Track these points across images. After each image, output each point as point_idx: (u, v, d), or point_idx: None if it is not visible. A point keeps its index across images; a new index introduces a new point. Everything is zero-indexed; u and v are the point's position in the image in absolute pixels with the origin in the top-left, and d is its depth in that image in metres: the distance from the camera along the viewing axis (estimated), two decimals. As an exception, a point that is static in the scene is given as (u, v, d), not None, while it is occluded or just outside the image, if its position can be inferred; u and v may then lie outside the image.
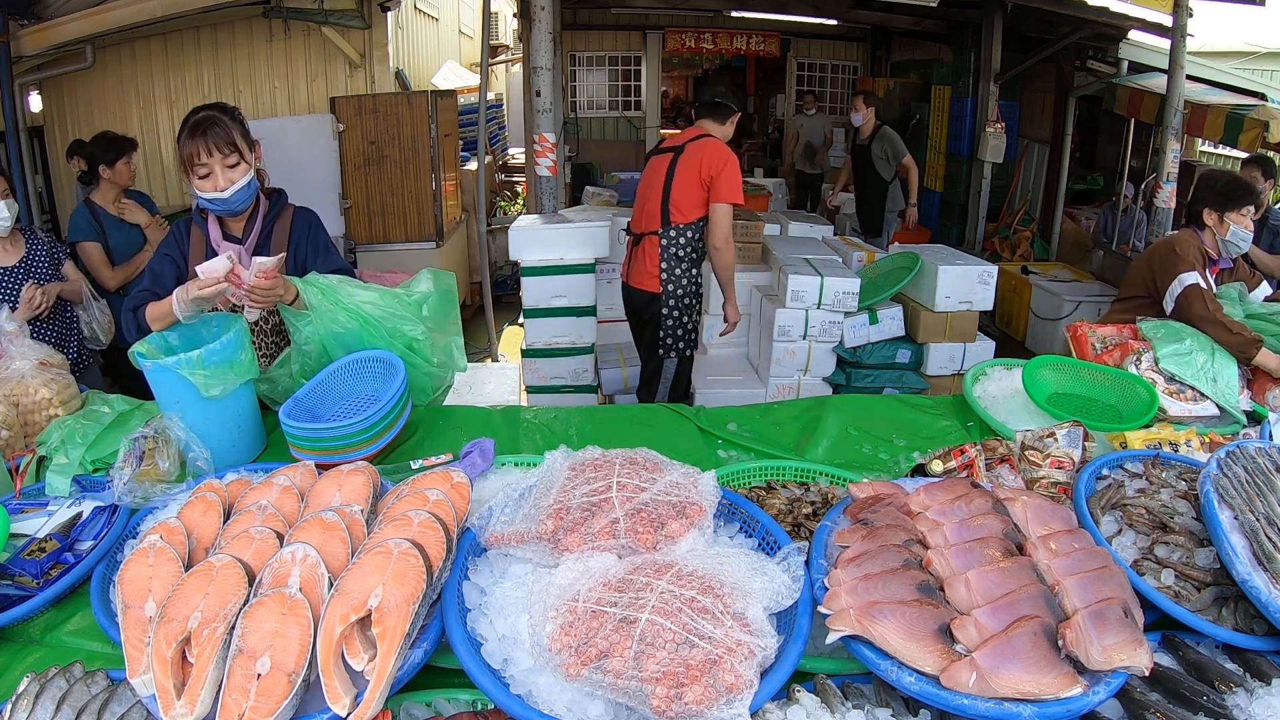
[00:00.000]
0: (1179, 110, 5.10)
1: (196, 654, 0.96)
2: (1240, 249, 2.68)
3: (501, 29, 11.71)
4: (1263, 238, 4.41)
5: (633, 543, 1.12)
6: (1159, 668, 1.02)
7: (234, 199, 1.87)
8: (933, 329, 4.04)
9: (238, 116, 1.90)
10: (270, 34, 5.68)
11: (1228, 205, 2.63)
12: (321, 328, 1.79)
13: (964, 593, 1.03)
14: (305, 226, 2.05)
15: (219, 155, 1.82)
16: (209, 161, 1.82)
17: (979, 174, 6.95)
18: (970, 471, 1.46)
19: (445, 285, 2.03)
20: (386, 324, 1.84)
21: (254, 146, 1.93)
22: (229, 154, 1.83)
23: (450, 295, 2.05)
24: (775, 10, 8.28)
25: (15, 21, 4.32)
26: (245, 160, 1.87)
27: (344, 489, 1.24)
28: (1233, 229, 2.64)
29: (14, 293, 2.79)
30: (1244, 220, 2.65)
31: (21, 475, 1.59)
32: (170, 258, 1.95)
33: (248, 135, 1.91)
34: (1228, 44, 9.77)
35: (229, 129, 1.83)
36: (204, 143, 1.80)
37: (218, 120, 1.83)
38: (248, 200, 1.92)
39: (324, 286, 1.81)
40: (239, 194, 1.87)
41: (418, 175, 5.59)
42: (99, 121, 5.40)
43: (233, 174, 1.85)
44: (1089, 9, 5.83)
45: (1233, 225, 2.64)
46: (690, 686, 0.89)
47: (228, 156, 1.83)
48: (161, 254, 1.97)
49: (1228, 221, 2.64)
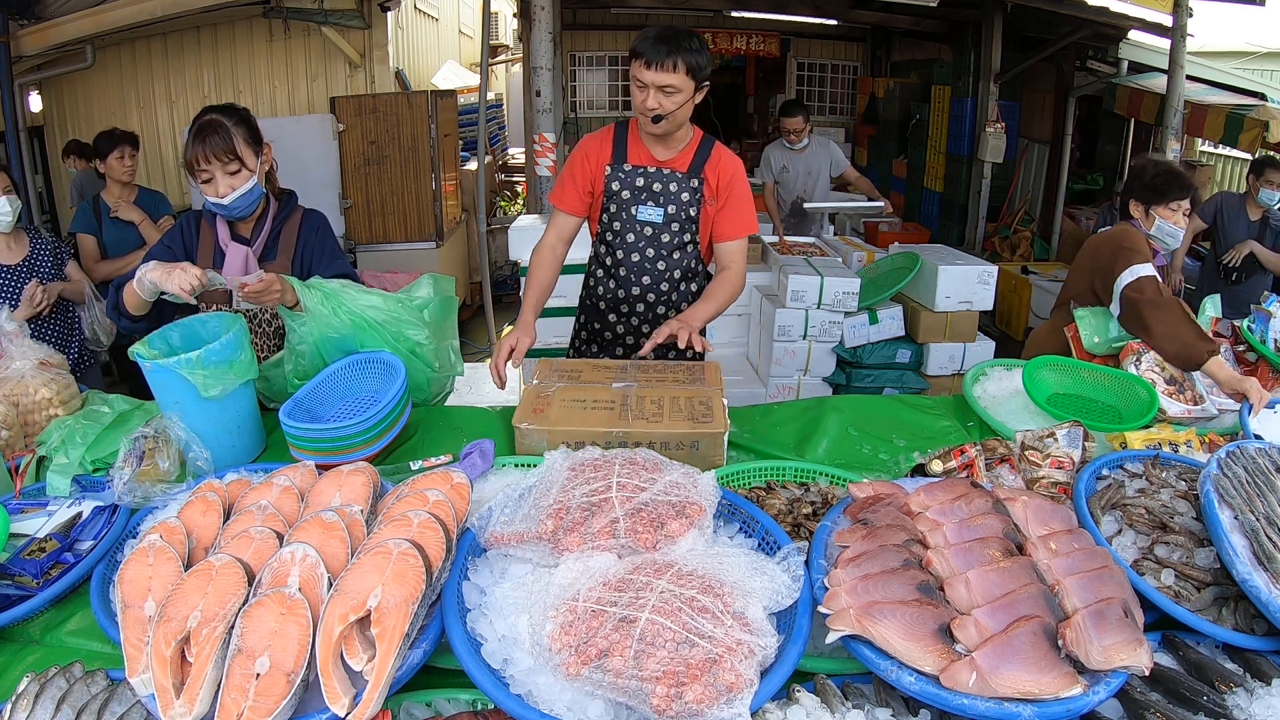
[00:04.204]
0: (1179, 110, 5.11)
1: (196, 653, 0.95)
2: (1169, 246, 2.45)
3: (501, 29, 11.73)
4: (1266, 237, 4.42)
5: (632, 542, 1.12)
6: (1159, 667, 1.02)
7: (234, 206, 1.88)
8: (933, 329, 4.04)
9: (246, 119, 1.91)
10: (270, 34, 5.69)
11: (1155, 199, 2.40)
12: (317, 330, 1.80)
13: (964, 593, 1.03)
14: (313, 230, 2.06)
15: (219, 162, 1.83)
16: (209, 168, 1.83)
17: (979, 174, 6.96)
18: (970, 471, 1.46)
19: (445, 291, 2.05)
20: (390, 328, 1.86)
21: (262, 150, 1.93)
22: (229, 161, 1.84)
23: (450, 301, 2.07)
24: (775, 10, 8.28)
25: (15, 21, 4.33)
26: (247, 167, 1.87)
27: (344, 489, 1.24)
28: (1159, 224, 2.40)
29: (17, 292, 2.80)
30: (1174, 216, 2.39)
31: (21, 475, 1.59)
32: (170, 249, 1.95)
33: (254, 139, 1.91)
34: (1228, 44, 9.76)
35: (230, 136, 1.83)
36: (203, 149, 1.81)
37: (220, 127, 1.83)
38: (250, 207, 1.92)
39: (327, 290, 1.82)
40: (239, 201, 1.88)
41: (418, 175, 5.60)
42: (99, 121, 5.41)
43: (234, 180, 1.86)
44: (1089, 9, 5.83)
45: (1159, 220, 2.40)
46: (690, 686, 0.89)
47: (228, 164, 1.84)
48: (163, 244, 1.98)
49: (1154, 216, 2.40)
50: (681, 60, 1.99)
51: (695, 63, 2.01)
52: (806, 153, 5.10)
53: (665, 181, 2.21)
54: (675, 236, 2.24)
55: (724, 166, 2.22)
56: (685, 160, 2.21)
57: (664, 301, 2.31)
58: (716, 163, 2.21)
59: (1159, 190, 2.39)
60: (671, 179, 2.20)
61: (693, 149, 2.21)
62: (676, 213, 2.22)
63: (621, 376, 1.79)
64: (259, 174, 1.91)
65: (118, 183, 3.60)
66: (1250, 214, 4.45)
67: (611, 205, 2.25)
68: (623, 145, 2.22)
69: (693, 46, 2.00)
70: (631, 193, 2.22)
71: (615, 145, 2.23)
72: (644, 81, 2.02)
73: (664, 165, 2.21)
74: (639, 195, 2.22)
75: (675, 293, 2.31)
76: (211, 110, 1.87)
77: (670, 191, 2.21)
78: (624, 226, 2.25)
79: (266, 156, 1.95)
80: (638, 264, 2.27)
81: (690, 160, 2.21)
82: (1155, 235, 2.41)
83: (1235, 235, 4.46)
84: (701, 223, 2.25)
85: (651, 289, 2.28)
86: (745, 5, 8.30)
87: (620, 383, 1.75)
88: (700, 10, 8.72)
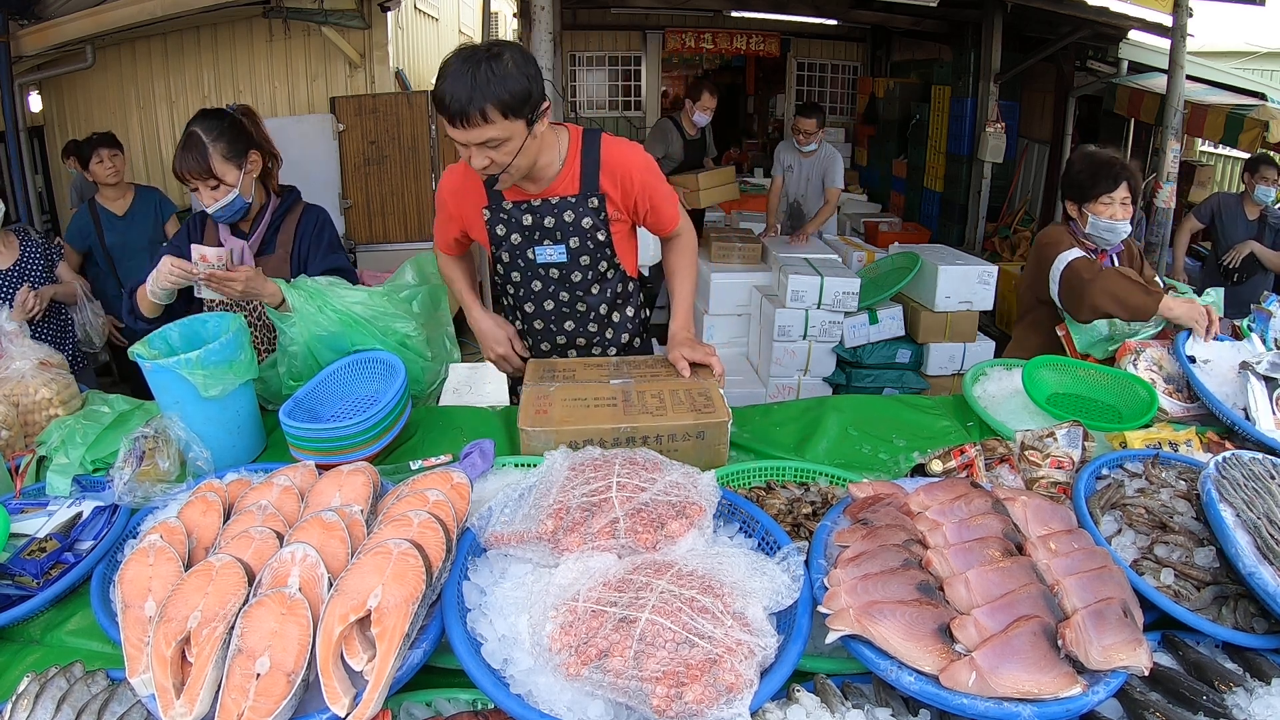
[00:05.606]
0: (1179, 110, 5.10)
1: (196, 654, 0.96)
2: (1109, 242, 2.32)
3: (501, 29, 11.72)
4: (1265, 236, 4.42)
5: (632, 543, 1.12)
6: (1159, 667, 1.02)
7: (219, 215, 1.94)
8: (933, 329, 4.04)
9: (230, 129, 1.91)
10: (270, 34, 5.68)
11: (1083, 197, 2.29)
12: (306, 330, 1.82)
13: (964, 592, 1.03)
14: (311, 224, 2.08)
15: (198, 179, 1.88)
16: (191, 180, 1.89)
17: (979, 174, 6.96)
18: (970, 471, 1.46)
19: (429, 272, 2.05)
20: (378, 323, 1.87)
21: (247, 160, 1.93)
22: (206, 178, 1.88)
23: (437, 287, 2.08)
24: (775, 10, 8.28)
25: (15, 21, 4.33)
26: (226, 183, 1.89)
27: (344, 489, 1.24)
28: (1092, 221, 2.28)
29: (8, 297, 2.79)
30: (1107, 210, 2.26)
31: (21, 475, 1.59)
32: (179, 248, 1.98)
33: (236, 151, 1.91)
34: (1228, 44, 9.77)
35: (207, 156, 1.86)
36: (181, 167, 1.87)
37: (197, 144, 1.86)
38: (234, 215, 1.97)
39: (311, 290, 1.83)
40: (222, 212, 1.93)
41: (418, 175, 5.59)
42: (99, 121, 5.41)
43: (215, 194, 1.90)
44: (1089, 9, 5.83)
45: (1092, 218, 2.28)
46: (690, 686, 0.89)
47: (206, 180, 1.88)
48: (173, 243, 2.03)
49: (1087, 213, 2.30)
50: (490, 106, 1.51)
51: (510, 97, 1.51)
52: (813, 157, 5.09)
53: (557, 212, 1.81)
54: (587, 271, 1.89)
55: (619, 167, 1.80)
56: (571, 179, 1.80)
57: (599, 342, 2.02)
58: (610, 166, 1.80)
59: (1084, 186, 2.29)
60: (564, 207, 1.80)
61: (575, 162, 1.78)
62: (581, 245, 1.84)
63: (617, 373, 1.79)
64: (241, 185, 1.93)
65: (107, 185, 3.61)
66: (1248, 213, 4.45)
67: (502, 253, 1.89)
68: (493, 179, 1.70)
69: (497, 73, 1.50)
70: (521, 234, 1.84)
71: (486, 180, 1.76)
72: (456, 139, 1.58)
73: (548, 195, 1.80)
74: (531, 235, 1.84)
75: (609, 327, 2.00)
76: (196, 121, 1.89)
77: (566, 223, 1.82)
78: (524, 274, 1.91)
79: (254, 164, 1.97)
80: (552, 310, 1.95)
81: (578, 176, 1.79)
82: (1092, 234, 2.31)
83: (1234, 235, 4.47)
84: (617, 242, 1.88)
85: (578, 333, 1.98)
86: (745, 5, 8.30)
87: (617, 379, 1.75)
88: (700, 10, 8.73)
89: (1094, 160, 2.32)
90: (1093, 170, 2.28)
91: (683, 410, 1.60)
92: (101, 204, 3.62)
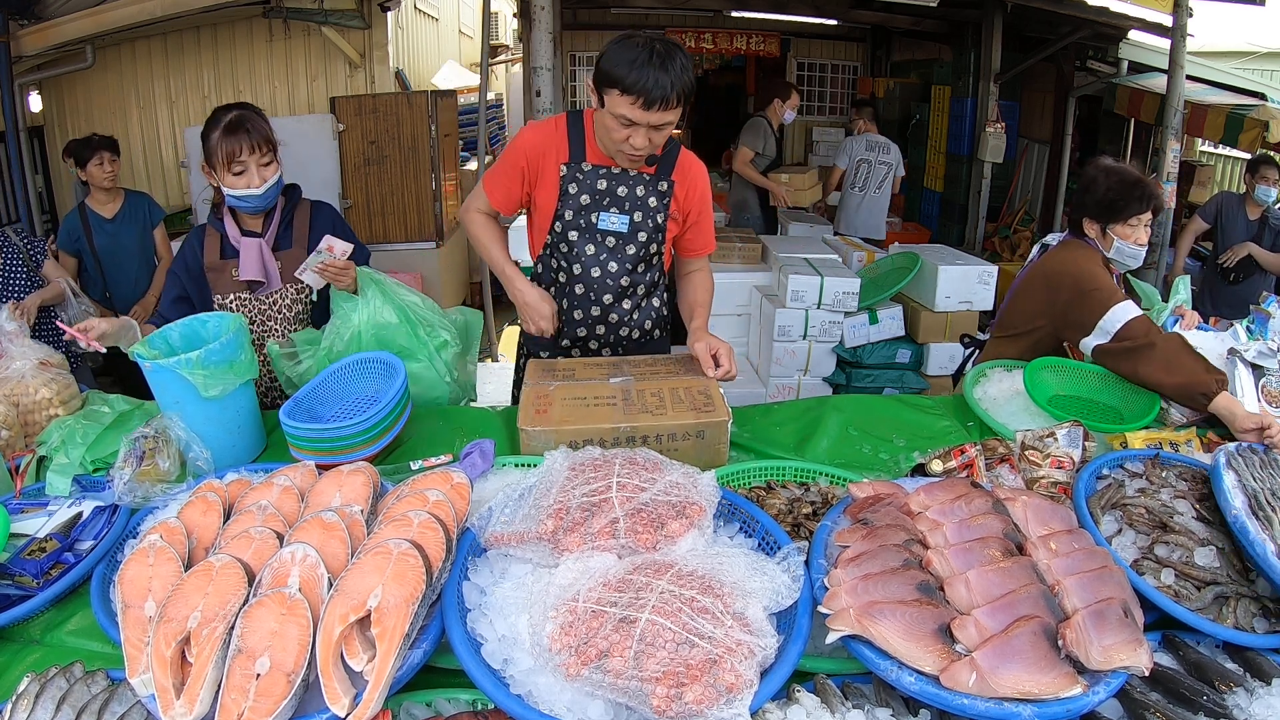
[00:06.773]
0: (1179, 110, 5.11)
1: (196, 654, 0.95)
2: (1128, 267, 2.14)
3: (501, 29, 11.71)
4: (1265, 236, 4.42)
5: (632, 543, 1.12)
6: (1159, 667, 1.02)
7: (267, 195, 1.93)
8: (933, 329, 4.04)
9: (264, 115, 1.96)
10: (270, 34, 5.68)
11: (1111, 217, 2.07)
12: (366, 315, 1.88)
13: (964, 593, 1.03)
14: (328, 219, 2.10)
15: (256, 153, 1.87)
16: (246, 159, 1.87)
17: (979, 174, 6.96)
18: (970, 471, 1.46)
19: (472, 319, 2.13)
20: (425, 325, 1.95)
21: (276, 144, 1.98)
22: (265, 152, 1.89)
23: (476, 327, 2.14)
24: (775, 10, 8.28)
25: (15, 21, 4.32)
26: (277, 159, 1.93)
27: (344, 489, 1.24)
28: (1118, 246, 2.08)
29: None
30: (1134, 233, 2.06)
31: (21, 475, 1.59)
32: (178, 276, 2.01)
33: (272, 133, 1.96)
34: (1228, 44, 9.77)
35: (264, 127, 1.89)
36: (245, 140, 1.86)
37: (253, 118, 1.89)
38: (268, 202, 1.97)
39: (379, 280, 1.93)
40: (271, 190, 1.93)
41: (418, 175, 5.59)
42: (99, 121, 5.41)
43: (266, 171, 1.91)
44: (1089, 9, 5.83)
45: (1118, 242, 2.08)
46: (690, 686, 0.89)
47: (264, 155, 1.89)
48: (172, 272, 2.03)
49: (1112, 236, 2.08)
50: (682, 92, 1.70)
51: (689, 89, 1.72)
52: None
53: (631, 184, 1.91)
54: (641, 248, 1.96)
55: (694, 177, 1.96)
56: (650, 163, 1.93)
57: (627, 323, 2.04)
58: (685, 170, 1.96)
59: (1115, 207, 2.06)
60: (638, 181, 1.91)
61: (657, 150, 1.91)
62: (643, 220, 1.93)
63: (615, 372, 1.79)
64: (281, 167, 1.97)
65: (100, 189, 3.59)
66: (1249, 213, 4.46)
67: (566, 211, 1.93)
68: (580, 140, 1.87)
69: (685, 65, 1.71)
70: (592, 197, 1.90)
71: (571, 140, 1.88)
72: (634, 120, 1.71)
73: (628, 168, 1.92)
74: (600, 200, 1.90)
75: (638, 311, 2.04)
76: (230, 109, 1.91)
77: (637, 196, 1.91)
78: (582, 237, 1.94)
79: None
80: (598, 279, 1.97)
81: (656, 162, 1.93)
82: (1114, 258, 2.11)
83: (1234, 235, 4.47)
84: (668, 234, 1.99)
85: (613, 308, 2.01)
86: (745, 5, 8.30)
87: (617, 378, 1.75)
88: (700, 10, 8.72)
89: (1123, 179, 2.08)
90: (1123, 190, 2.05)
91: (683, 409, 1.60)
92: (91, 207, 3.61)
